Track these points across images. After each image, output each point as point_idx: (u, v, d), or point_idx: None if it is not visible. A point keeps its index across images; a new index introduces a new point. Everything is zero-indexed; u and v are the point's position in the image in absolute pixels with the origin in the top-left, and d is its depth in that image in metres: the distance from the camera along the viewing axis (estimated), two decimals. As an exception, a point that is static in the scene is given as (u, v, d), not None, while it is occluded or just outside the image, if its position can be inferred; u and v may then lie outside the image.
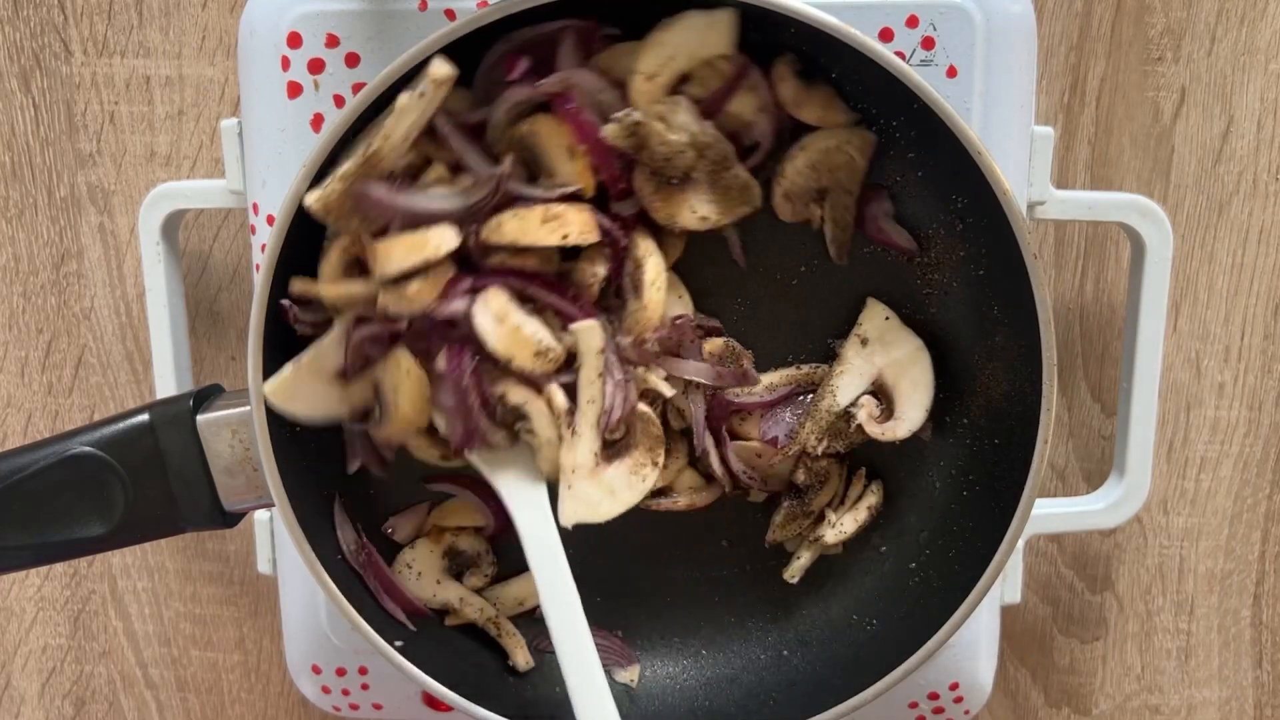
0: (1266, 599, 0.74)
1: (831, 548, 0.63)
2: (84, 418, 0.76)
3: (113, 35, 0.71)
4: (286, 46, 0.60)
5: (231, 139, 0.63)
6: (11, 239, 0.74)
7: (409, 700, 0.68)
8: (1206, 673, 0.75)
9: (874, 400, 0.60)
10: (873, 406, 0.60)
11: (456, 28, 0.51)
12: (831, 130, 0.58)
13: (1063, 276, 0.71)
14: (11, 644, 0.79)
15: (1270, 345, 0.71)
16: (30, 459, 0.56)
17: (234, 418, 0.56)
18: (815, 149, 0.57)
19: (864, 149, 0.58)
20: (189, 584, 0.78)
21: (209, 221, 0.73)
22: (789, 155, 0.58)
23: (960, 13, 0.58)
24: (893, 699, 0.62)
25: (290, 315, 0.56)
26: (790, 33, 0.53)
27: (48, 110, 0.72)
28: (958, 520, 0.60)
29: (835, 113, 0.57)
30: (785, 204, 0.59)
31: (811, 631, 0.63)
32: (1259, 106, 0.68)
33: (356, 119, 0.52)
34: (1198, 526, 0.73)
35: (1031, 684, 0.76)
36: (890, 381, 0.60)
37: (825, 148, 0.57)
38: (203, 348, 0.74)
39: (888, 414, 0.60)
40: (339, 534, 0.60)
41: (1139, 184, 0.70)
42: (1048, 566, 0.74)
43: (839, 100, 0.57)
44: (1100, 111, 0.69)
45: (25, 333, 0.75)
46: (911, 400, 0.60)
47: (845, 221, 0.60)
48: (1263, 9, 0.67)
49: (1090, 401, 0.72)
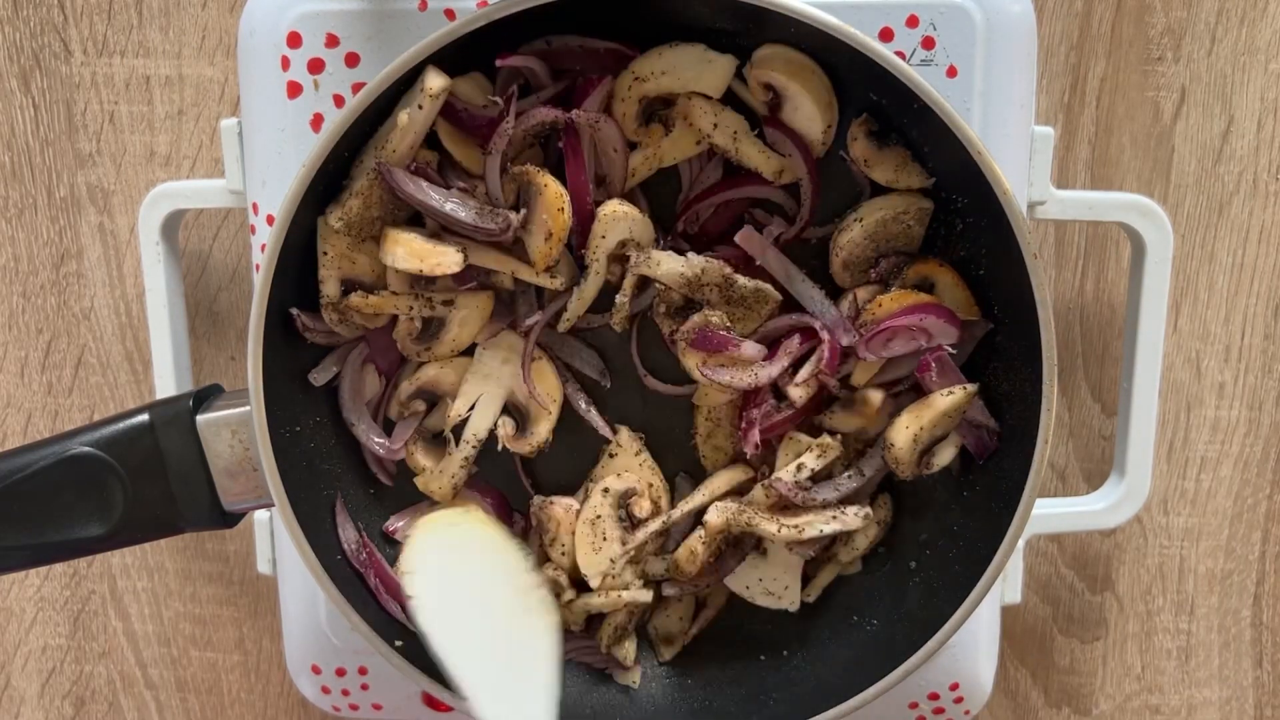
0: (1266, 599, 0.74)
1: (849, 565, 0.63)
2: (84, 418, 0.76)
3: (113, 35, 0.71)
4: (286, 46, 0.60)
5: (231, 139, 0.63)
6: (11, 239, 0.74)
7: (409, 700, 0.68)
8: (1206, 673, 0.75)
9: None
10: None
11: (456, 28, 0.51)
12: (889, 198, 0.58)
13: (1063, 276, 0.71)
14: (11, 644, 0.79)
15: (1270, 345, 0.71)
16: (30, 459, 0.56)
17: (234, 418, 0.56)
18: (873, 220, 0.57)
19: (922, 218, 0.58)
20: (189, 584, 0.77)
21: (209, 221, 0.73)
22: (845, 226, 0.58)
23: (960, 13, 0.58)
24: (893, 699, 0.62)
25: (299, 323, 0.57)
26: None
27: (48, 110, 0.72)
28: (958, 520, 0.60)
29: (909, 175, 0.57)
30: (844, 273, 0.59)
31: (811, 631, 0.63)
32: (1259, 106, 0.68)
33: (356, 119, 0.52)
34: (1198, 526, 0.73)
35: (1031, 684, 0.76)
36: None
37: (883, 218, 0.57)
38: (203, 348, 0.74)
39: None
40: (340, 533, 0.60)
41: (1139, 184, 0.70)
42: (1048, 566, 0.74)
43: (914, 163, 0.57)
44: (1100, 111, 0.69)
45: (25, 333, 0.75)
46: (945, 445, 0.60)
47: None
48: (1263, 9, 0.67)
49: (1090, 401, 0.72)
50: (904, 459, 0.58)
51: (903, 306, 0.57)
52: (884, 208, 0.57)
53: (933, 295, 0.58)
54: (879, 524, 0.62)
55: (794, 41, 0.56)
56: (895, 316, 0.56)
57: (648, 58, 0.56)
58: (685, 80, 0.56)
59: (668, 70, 0.56)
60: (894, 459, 0.58)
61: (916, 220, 0.58)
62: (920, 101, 0.51)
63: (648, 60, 0.56)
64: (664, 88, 0.57)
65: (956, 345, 0.57)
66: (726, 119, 0.57)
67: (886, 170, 0.57)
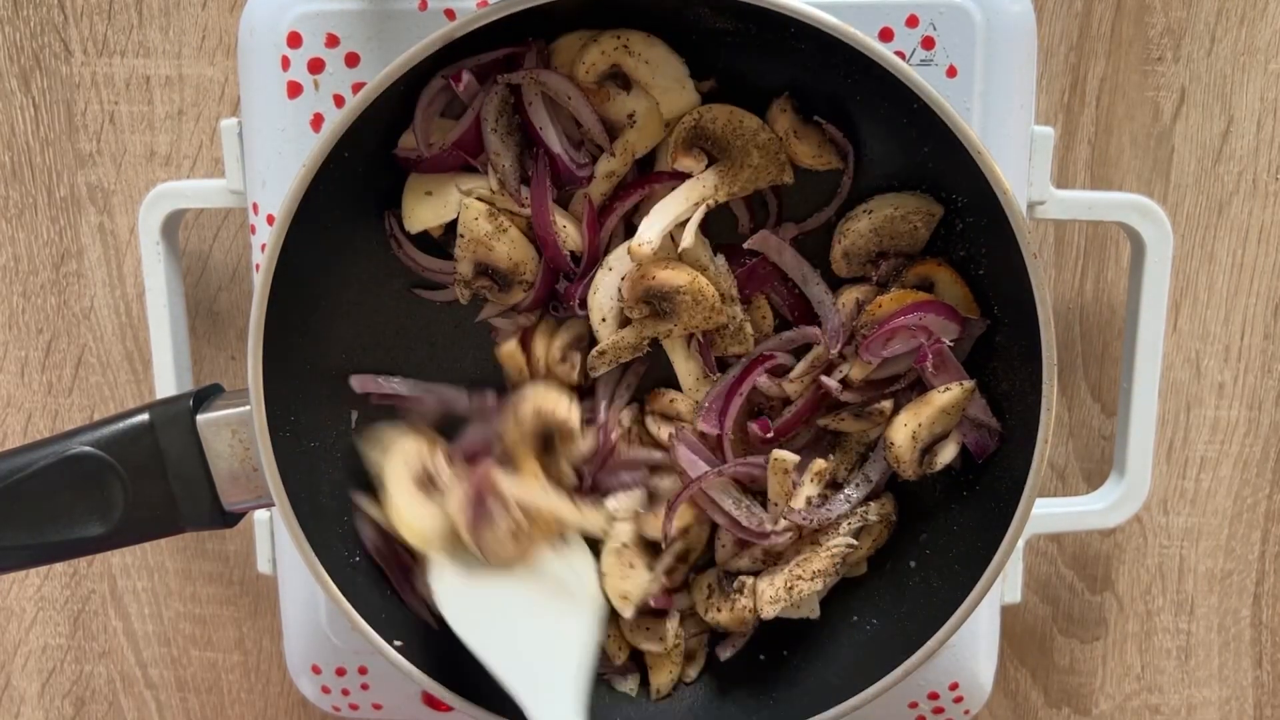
0: (1266, 599, 0.74)
1: (855, 567, 0.63)
2: (84, 418, 0.76)
3: (113, 35, 0.71)
4: (286, 46, 0.60)
5: (231, 139, 0.63)
6: (11, 239, 0.74)
7: (409, 700, 0.68)
8: (1206, 673, 0.75)
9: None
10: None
11: (456, 28, 0.51)
12: (901, 196, 0.58)
13: (1063, 276, 0.71)
14: (11, 644, 0.79)
15: (1270, 345, 0.71)
16: (30, 459, 0.56)
17: (234, 418, 0.56)
18: (882, 215, 0.58)
19: (929, 222, 0.58)
20: (189, 584, 0.77)
21: (209, 221, 0.73)
22: (853, 215, 0.59)
23: (960, 13, 0.58)
24: (893, 699, 0.62)
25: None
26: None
27: (48, 110, 0.72)
28: (958, 520, 0.60)
29: (828, 156, 0.58)
30: (842, 261, 0.59)
31: (812, 631, 0.63)
32: (1259, 106, 0.68)
33: (356, 119, 0.52)
34: (1198, 526, 0.73)
35: (1031, 684, 0.76)
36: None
37: (891, 215, 0.58)
38: (203, 348, 0.74)
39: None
40: (360, 531, 0.60)
41: (1139, 184, 0.70)
42: (1048, 566, 0.74)
43: (829, 145, 0.58)
44: (1100, 111, 0.69)
45: (25, 333, 0.75)
46: (947, 443, 0.60)
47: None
48: (1263, 9, 0.67)
49: (1090, 401, 0.72)
50: (905, 458, 0.58)
51: (902, 305, 0.57)
52: (895, 204, 0.58)
53: (932, 294, 0.58)
54: (885, 525, 0.62)
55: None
56: (895, 316, 0.57)
57: (640, 37, 0.56)
58: (655, 86, 0.56)
59: (650, 62, 0.56)
60: (895, 458, 0.58)
61: (923, 223, 0.58)
62: (920, 101, 0.51)
63: (639, 40, 0.56)
64: (638, 74, 0.56)
65: (955, 342, 0.58)
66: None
67: (810, 148, 0.57)
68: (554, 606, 0.56)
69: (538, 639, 0.55)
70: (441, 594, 0.54)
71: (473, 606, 0.54)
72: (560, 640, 0.55)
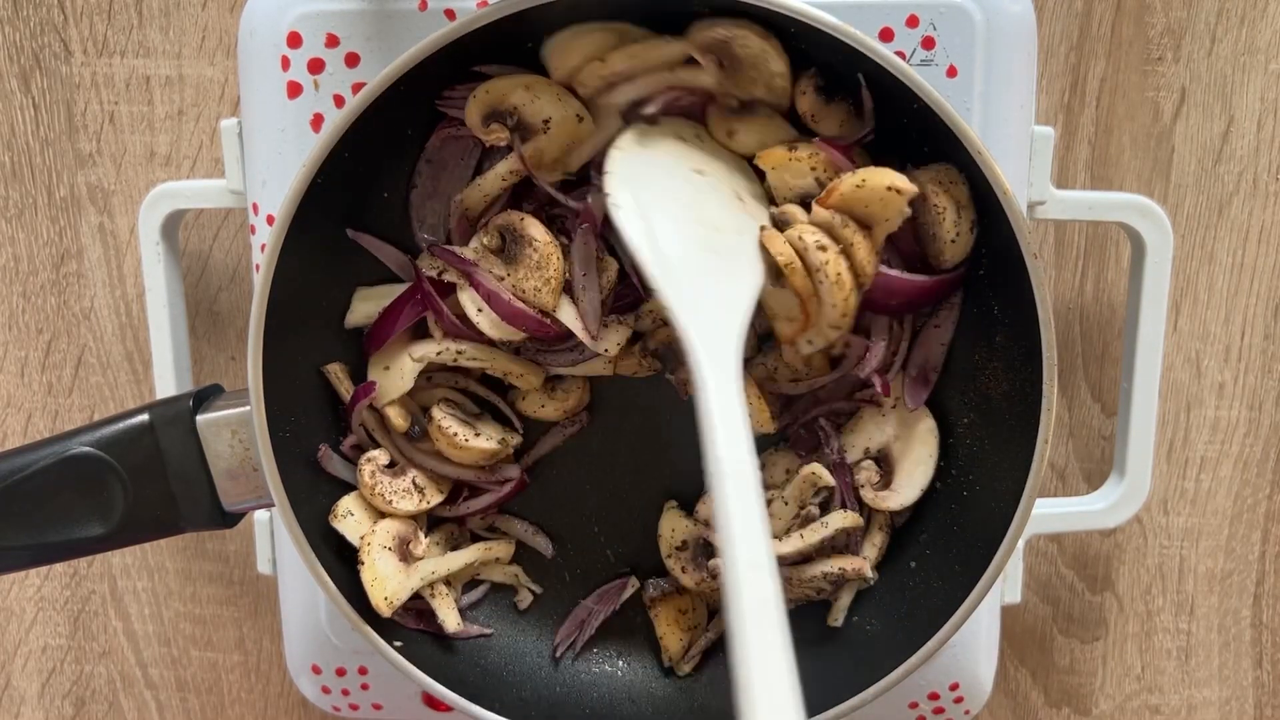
0: (1266, 599, 0.74)
1: (867, 580, 0.63)
2: (84, 418, 0.76)
3: (113, 35, 0.71)
4: (286, 46, 0.60)
5: (231, 139, 0.63)
6: (11, 239, 0.74)
7: (409, 700, 0.68)
8: (1206, 673, 0.75)
9: (875, 466, 0.61)
10: (873, 472, 0.60)
11: (456, 28, 0.51)
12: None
13: (1063, 276, 0.71)
14: (11, 644, 0.79)
15: (1270, 345, 0.71)
16: (30, 459, 0.56)
17: (234, 418, 0.56)
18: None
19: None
20: (189, 584, 0.78)
21: (209, 221, 0.73)
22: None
23: (960, 13, 0.58)
24: (893, 699, 0.62)
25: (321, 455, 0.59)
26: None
27: (48, 110, 0.72)
28: (958, 520, 0.60)
29: (853, 128, 0.56)
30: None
31: (812, 631, 0.63)
32: (1259, 106, 0.68)
33: (356, 119, 0.52)
34: (1198, 526, 0.73)
35: (1031, 684, 0.76)
36: (895, 454, 0.60)
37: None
38: (203, 348, 0.74)
39: (885, 483, 0.60)
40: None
41: (1139, 184, 0.70)
42: (1048, 566, 0.74)
43: (856, 118, 0.57)
44: (1100, 111, 0.69)
45: (25, 333, 0.75)
46: (911, 477, 0.60)
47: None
48: (1263, 9, 0.67)
49: (1090, 401, 0.72)
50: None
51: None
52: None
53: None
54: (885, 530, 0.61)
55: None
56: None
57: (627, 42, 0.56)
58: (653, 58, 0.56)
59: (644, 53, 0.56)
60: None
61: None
62: (920, 101, 0.51)
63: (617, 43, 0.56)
64: (635, 65, 0.56)
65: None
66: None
67: (832, 125, 0.57)
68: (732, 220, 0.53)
69: (711, 250, 0.51)
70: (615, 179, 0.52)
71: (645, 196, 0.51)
72: (733, 260, 0.52)
